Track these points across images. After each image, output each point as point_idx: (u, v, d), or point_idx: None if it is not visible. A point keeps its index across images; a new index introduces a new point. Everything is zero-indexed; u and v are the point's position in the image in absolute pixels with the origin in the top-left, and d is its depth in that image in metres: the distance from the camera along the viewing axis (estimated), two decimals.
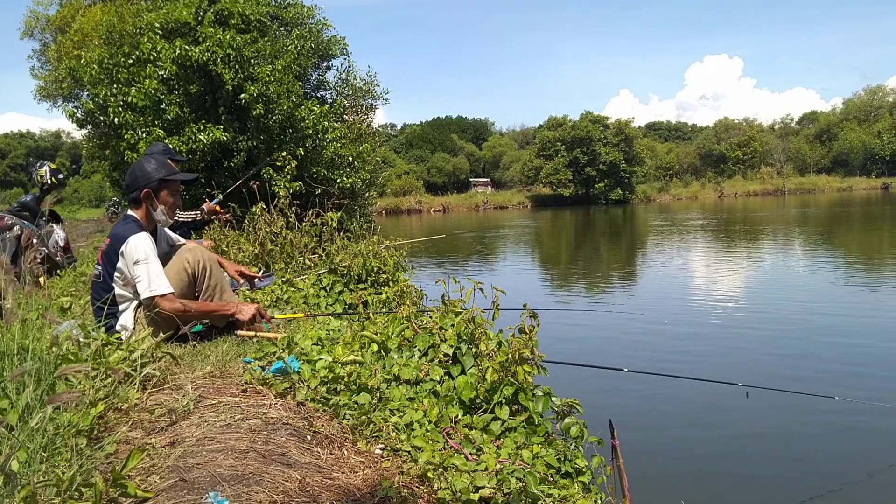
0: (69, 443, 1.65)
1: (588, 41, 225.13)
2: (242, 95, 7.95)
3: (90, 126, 9.29)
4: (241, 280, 3.99)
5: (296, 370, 2.43)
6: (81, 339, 2.37)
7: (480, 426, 2.29)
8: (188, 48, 7.82)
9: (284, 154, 7.21)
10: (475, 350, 2.62)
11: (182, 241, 3.61)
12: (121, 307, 3.13)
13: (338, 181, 8.94)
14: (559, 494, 2.00)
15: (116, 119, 7.82)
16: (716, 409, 5.21)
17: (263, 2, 9.27)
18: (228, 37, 7.87)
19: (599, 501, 2.20)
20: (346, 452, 2.04)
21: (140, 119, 7.91)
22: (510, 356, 2.41)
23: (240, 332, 3.19)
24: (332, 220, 5.60)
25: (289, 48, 8.74)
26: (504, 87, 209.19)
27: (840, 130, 67.63)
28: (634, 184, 57.23)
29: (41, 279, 5.89)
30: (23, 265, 4.40)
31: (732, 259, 14.96)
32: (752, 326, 7.97)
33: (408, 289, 4.61)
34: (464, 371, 2.57)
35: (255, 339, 3.07)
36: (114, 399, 2.05)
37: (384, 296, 4.34)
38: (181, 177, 3.35)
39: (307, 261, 5.36)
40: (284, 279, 4.62)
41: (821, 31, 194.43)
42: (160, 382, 2.31)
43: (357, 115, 11.27)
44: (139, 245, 3.01)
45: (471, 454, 2.10)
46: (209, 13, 8.29)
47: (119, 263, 3.06)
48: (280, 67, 8.23)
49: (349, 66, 11.08)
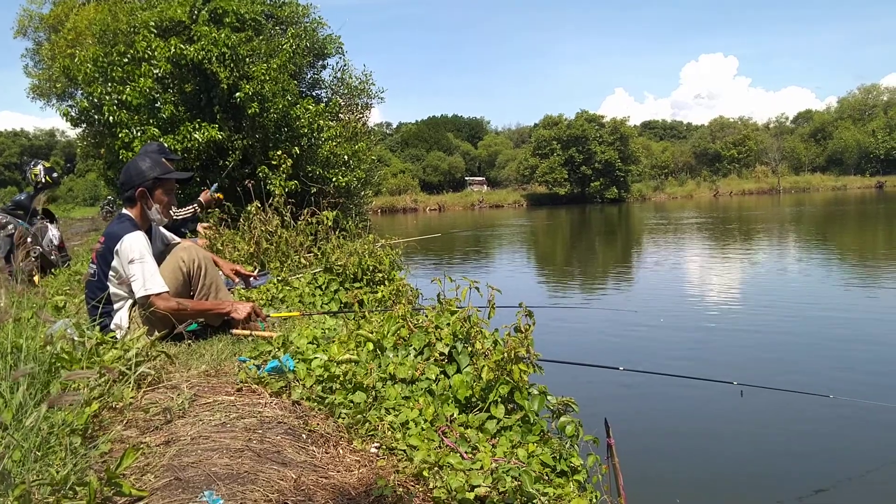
0: (63, 442, 1.65)
1: (587, 41, 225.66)
2: (237, 94, 7.94)
3: (84, 125, 9.24)
4: (237, 279, 3.98)
5: (291, 369, 2.42)
6: (76, 338, 2.36)
7: (476, 425, 2.29)
8: (183, 47, 7.81)
9: (280, 153, 7.20)
10: (471, 349, 2.62)
11: (177, 240, 3.60)
12: (115, 306, 3.12)
13: (333, 180, 8.94)
14: (554, 493, 2.00)
15: (111, 118, 7.80)
16: (711, 408, 5.23)
17: (258, 0, 9.26)
18: (223, 35, 7.86)
19: (595, 500, 2.21)
20: (342, 451, 2.04)
21: (135, 118, 7.89)
22: (506, 355, 2.41)
23: (235, 331, 3.19)
24: (328, 219, 5.59)
25: (284, 47, 8.73)
26: (502, 87, 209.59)
27: (835, 129, 68.00)
28: (630, 182, 57.40)
29: (35, 278, 5.87)
30: (15, 263, 4.38)
31: (727, 258, 15.01)
32: (747, 325, 8.00)
33: (403, 288, 4.59)
34: (459, 370, 2.57)
35: (251, 338, 3.06)
36: (108, 398, 2.04)
37: (380, 295, 4.34)
38: (176, 175, 3.34)
39: (303, 259, 5.35)
40: (280, 278, 4.61)
41: (816, 31, 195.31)
42: (155, 381, 2.30)
43: (352, 114, 11.27)
44: (134, 244, 3.00)
45: (466, 453, 2.10)
46: (204, 12, 8.28)
47: (114, 262, 3.05)
48: (275, 66, 8.23)
49: (344, 65, 11.11)
